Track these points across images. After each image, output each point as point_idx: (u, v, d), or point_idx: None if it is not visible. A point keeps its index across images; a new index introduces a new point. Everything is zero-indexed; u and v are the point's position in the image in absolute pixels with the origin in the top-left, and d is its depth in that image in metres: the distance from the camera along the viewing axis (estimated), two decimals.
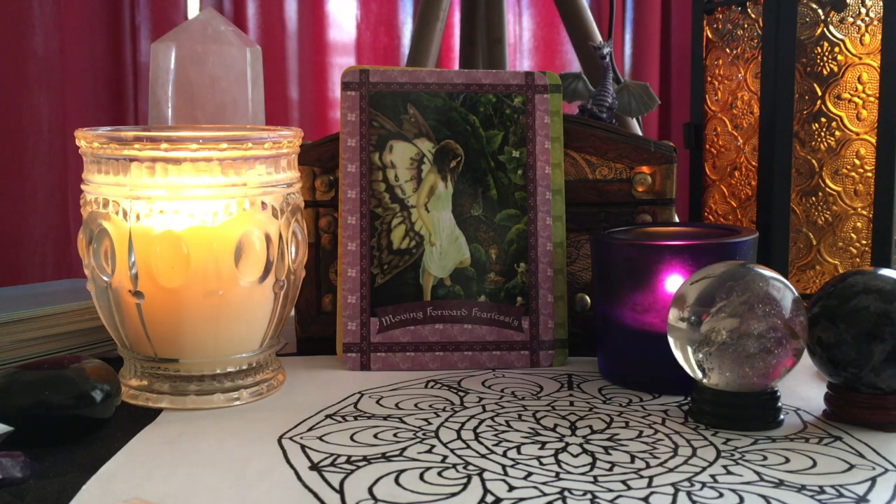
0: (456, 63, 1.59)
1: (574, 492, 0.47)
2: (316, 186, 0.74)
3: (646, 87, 0.88)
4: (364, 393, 0.64)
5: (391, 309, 0.70)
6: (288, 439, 0.55)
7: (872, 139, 0.80)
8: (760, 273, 0.56)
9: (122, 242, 0.59)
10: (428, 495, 0.47)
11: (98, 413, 0.54)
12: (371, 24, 1.76)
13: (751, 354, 0.55)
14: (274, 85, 1.61)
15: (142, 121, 1.54)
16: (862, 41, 0.79)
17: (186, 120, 0.77)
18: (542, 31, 1.88)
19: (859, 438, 0.55)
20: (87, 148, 0.61)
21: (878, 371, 0.55)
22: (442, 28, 1.16)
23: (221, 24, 0.79)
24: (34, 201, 1.39)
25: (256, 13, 1.64)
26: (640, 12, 1.94)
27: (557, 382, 0.67)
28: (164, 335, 0.61)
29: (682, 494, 0.47)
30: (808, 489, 0.48)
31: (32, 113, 1.38)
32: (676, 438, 0.55)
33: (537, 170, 0.73)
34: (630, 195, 0.74)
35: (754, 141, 0.83)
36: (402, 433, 0.56)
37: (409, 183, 0.72)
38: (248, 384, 0.63)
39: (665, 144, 0.74)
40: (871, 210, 0.81)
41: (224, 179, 0.60)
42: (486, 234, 0.72)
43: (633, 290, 0.64)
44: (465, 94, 0.73)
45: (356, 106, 0.72)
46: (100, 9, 1.49)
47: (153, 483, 0.49)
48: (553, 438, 0.55)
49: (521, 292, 0.71)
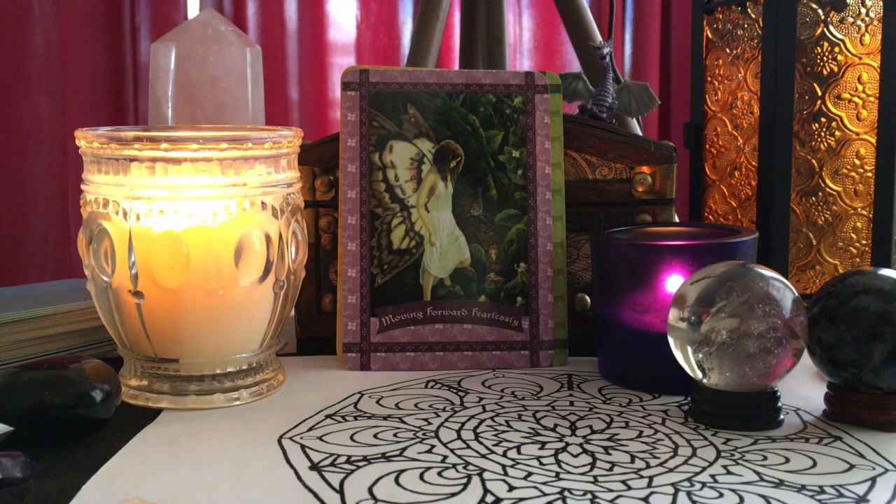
0: (456, 63, 1.59)
1: (574, 492, 0.47)
2: (316, 186, 0.74)
3: (646, 87, 0.88)
4: (364, 393, 0.64)
5: (391, 309, 0.70)
6: (288, 439, 0.55)
7: (872, 139, 0.80)
8: (760, 273, 0.56)
9: (122, 242, 0.59)
10: (428, 495, 0.47)
11: (98, 413, 0.54)
12: (371, 24, 1.76)
13: (751, 354, 0.55)
14: (274, 85, 1.61)
15: (142, 121, 1.54)
16: (862, 41, 0.79)
17: (186, 120, 0.77)
18: (542, 31, 1.88)
19: (859, 438, 0.55)
20: (87, 148, 0.61)
21: (878, 371, 0.55)
22: (442, 28, 1.16)
23: (221, 24, 0.79)
24: (34, 201, 1.39)
25: (256, 13, 1.64)
26: (640, 12, 1.94)
27: (557, 382, 0.67)
28: (164, 335, 0.61)
29: (682, 494, 0.47)
30: (808, 489, 0.48)
31: (32, 113, 1.38)
32: (676, 438, 0.55)
33: (537, 170, 0.73)
34: (630, 195, 0.74)
35: (754, 141, 0.83)
36: (402, 433, 0.56)
37: (409, 183, 0.72)
38: (248, 384, 0.63)
39: (665, 144, 0.74)
40: (871, 210, 0.81)
41: (224, 179, 0.60)
42: (486, 234, 0.72)
43: (633, 290, 0.64)
44: (465, 94, 0.73)
45: (356, 106, 0.72)
46: (100, 9, 1.49)
47: (153, 483, 0.49)
48: (553, 438, 0.55)
49: (521, 292, 0.71)
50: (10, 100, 1.36)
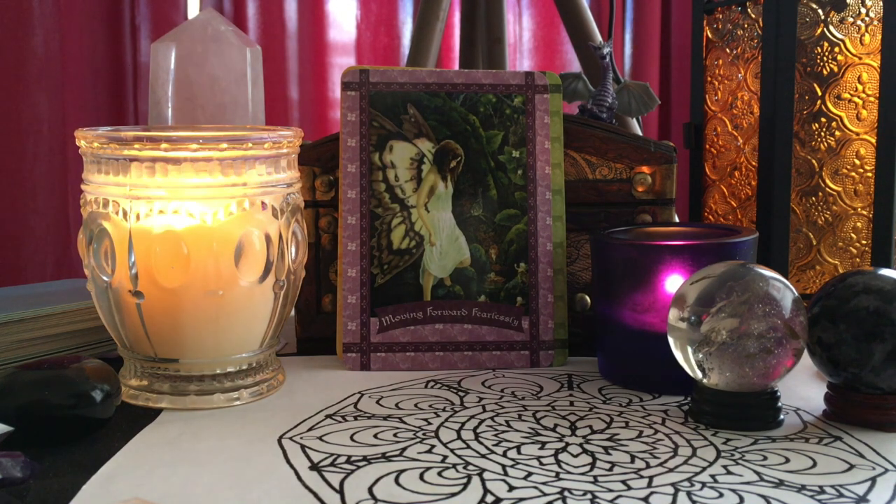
0: (456, 63, 1.59)
1: (574, 492, 0.47)
2: (316, 186, 0.74)
3: (646, 87, 0.88)
4: (364, 393, 0.64)
5: (391, 309, 0.70)
6: (288, 439, 0.55)
7: (872, 139, 0.80)
8: (760, 273, 0.56)
9: (122, 242, 0.59)
10: (428, 495, 0.47)
11: (98, 413, 0.54)
12: (371, 24, 1.76)
13: (751, 354, 0.55)
14: (274, 85, 1.61)
15: (142, 121, 1.54)
16: (862, 41, 0.79)
17: (186, 120, 0.77)
18: (542, 31, 1.88)
19: (859, 438, 0.55)
20: (87, 148, 0.61)
21: (878, 371, 0.55)
22: (442, 28, 1.16)
23: (221, 24, 0.79)
24: (34, 201, 1.39)
25: (256, 13, 1.64)
26: (640, 12, 1.94)
27: (557, 382, 0.67)
28: (164, 335, 0.61)
29: (682, 494, 0.47)
30: (808, 489, 0.48)
31: (32, 113, 1.38)
32: (676, 438, 0.55)
33: (537, 170, 0.73)
34: (630, 195, 0.74)
35: (754, 141, 0.83)
36: (402, 433, 0.56)
37: (409, 183, 0.72)
38: (248, 384, 0.63)
39: (665, 144, 0.74)
40: (871, 210, 0.81)
41: (224, 179, 0.60)
42: (486, 234, 0.72)
43: (633, 290, 0.64)
44: (465, 94, 0.73)
45: (356, 106, 0.72)
46: (100, 9, 1.49)
47: (153, 483, 0.49)
48: (553, 438, 0.55)
49: (521, 292, 0.71)
50: (10, 100, 1.36)
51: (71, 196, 1.43)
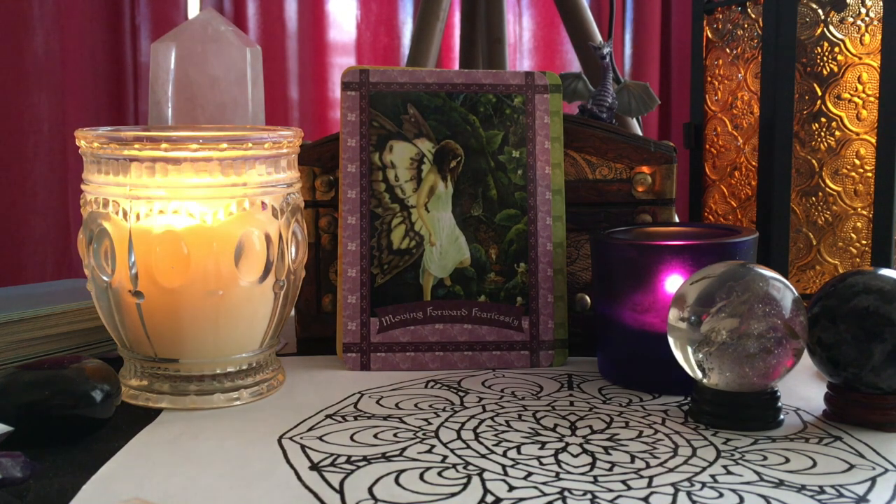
0: (456, 63, 1.59)
1: (574, 492, 0.47)
2: (316, 186, 0.74)
3: (646, 87, 0.88)
4: (364, 393, 0.64)
5: (391, 309, 0.70)
6: (288, 439, 0.55)
7: (872, 139, 0.80)
8: (760, 273, 0.56)
9: (122, 242, 0.59)
10: (428, 495, 0.47)
11: (98, 413, 0.54)
12: (371, 24, 1.76)
13: (751, 354, 0.55)
14: (274, 85, 1.61)
15: (142, 121, 1.54)
16: (862, 41, 0.79)
17: (186, 120, 0.77)
18: (542, 31, 1.88)
19: (859, 438, 0.55)
20: (87, 148, 0.61)
21: (878, 371, 0.55)
22: (442, 28, 1.16)
23: (221, 24, 0.79)
24: (34, 201, 1.39)
25: (256, 13, 1.64)
26: (640, 12, 1.94)
27: (557, 382, 0.67)
28: (164, 335, 0.61)
29: (682, 494, 0.47)
30: (808, 489, 0.48)
31: (32, 113, 1.38)
32: (676, 438, 0.55)
33: (537, 170, 0.73)
34: (630, 195, 0.74)
35: (754, 141, 0.83)
36: (402, 433, 0.56)
37: (409, 183, 0.72)
38: (248, 384, 0.63)
39: (665, 144, 0.74)
40: (871, 210, 0.81)
41: (224, 179, 0.60)
42: (486, 234, 0.72)
43: (633, 290, 0.64)
44: (465, 94, 0.73)
45: (356, 106, 0.72)
46: (100, 9, 1.49)
47: (153, 483, 0.49)
48: (553, 438, 0.55)
49: (521, 292, 0.71)
50: (10, 100, 1.36)
51: (71, 196, 1.43)
